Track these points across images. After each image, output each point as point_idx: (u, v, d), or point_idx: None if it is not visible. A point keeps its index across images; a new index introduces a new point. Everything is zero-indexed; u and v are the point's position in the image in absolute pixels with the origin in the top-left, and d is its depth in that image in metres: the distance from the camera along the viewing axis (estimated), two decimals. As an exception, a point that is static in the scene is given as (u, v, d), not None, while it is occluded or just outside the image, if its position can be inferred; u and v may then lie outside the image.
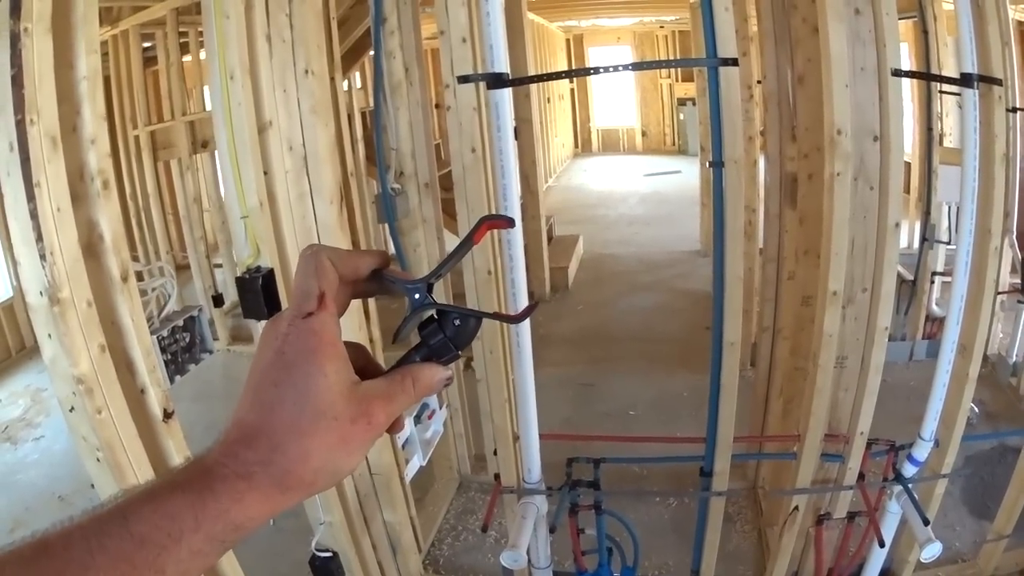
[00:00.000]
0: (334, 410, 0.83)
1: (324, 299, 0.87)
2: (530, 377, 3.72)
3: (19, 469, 7.55)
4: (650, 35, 24.00)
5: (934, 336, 7.94)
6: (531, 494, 4.05)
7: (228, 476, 0.80)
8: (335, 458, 0.85)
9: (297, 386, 0.83)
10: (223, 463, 0.81)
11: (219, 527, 0.78)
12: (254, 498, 0.81)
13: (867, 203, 3.69)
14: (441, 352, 0.95)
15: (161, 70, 10.13)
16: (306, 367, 0.83)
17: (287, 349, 0.84)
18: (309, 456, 0.82)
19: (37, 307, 2.78)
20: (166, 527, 0.75)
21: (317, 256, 0.90)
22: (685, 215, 14.39)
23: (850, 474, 4.21)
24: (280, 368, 0.84)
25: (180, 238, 11.26)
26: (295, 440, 0.82)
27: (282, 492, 0.83)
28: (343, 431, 0.84)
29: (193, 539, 0.76)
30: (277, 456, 0.81)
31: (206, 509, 0.78)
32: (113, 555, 0.72)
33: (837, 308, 3.77)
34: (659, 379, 8.31)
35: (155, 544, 0.74)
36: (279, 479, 0.82)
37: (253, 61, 3.66)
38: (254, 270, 3.69)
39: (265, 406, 0.83)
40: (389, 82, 5.40)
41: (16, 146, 2.61)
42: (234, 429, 0.83)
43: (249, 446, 0.82)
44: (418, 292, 0.95)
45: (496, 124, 3.23)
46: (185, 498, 0.77)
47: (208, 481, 0.79)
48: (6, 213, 2.72)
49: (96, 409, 2.87)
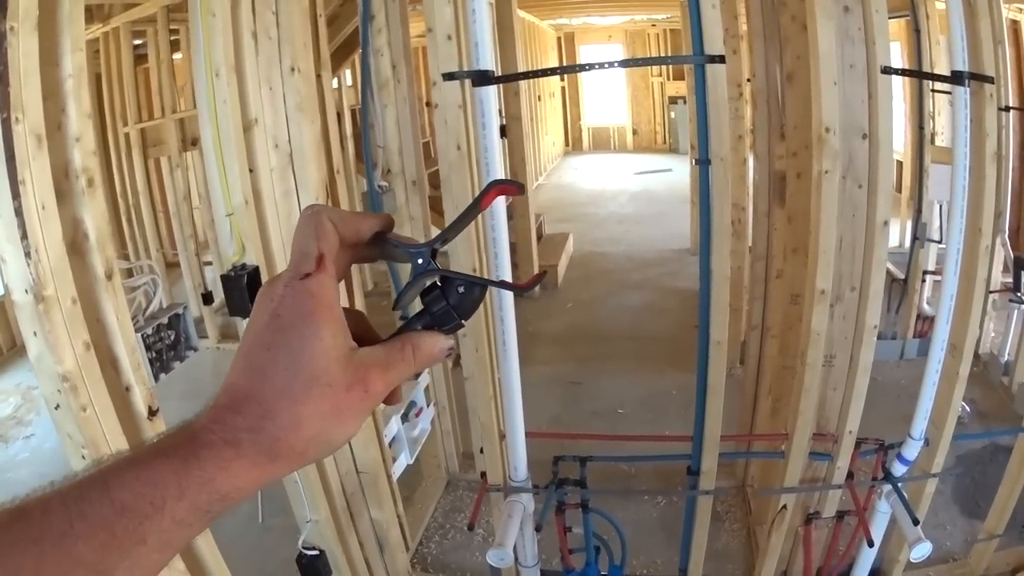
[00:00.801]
0: (329, 376, 0.81)
1: (323, 260, 0.84)
2: (516, 374, 3.72)
3: (9, 467, 7.55)
4: (641, 34, 23.99)
5: (925, 335, 7.94)
6: (517, 492, 4.05)
7: (215, 443, 0.77)
8: (328, 427, 0.82)
9: (291, 349, 0.80)
10: (210, 429, 0.78)
11: (204, 496, 0.76)
12: (241, 466, 0.78)
13: (856, 201, 3.69)
14: (444, 320, 0.92)
15: (152, 68, 10.14)
16: (301, 329, 0.81)
17: (282, 311, 0.82)
18: (301, 423, 0.80)
19: (22, 305, 2.76)
20: (148, 495, 0.72)
21: (318, 216, 0.87)
22: (675, 213, 14.40)
23: (839, 473, 4.21)
24: (274, 331, 0.81)
25: (170, 235, 11.16)
26: (287, 406, 0.79)
27: (271, 461, 0.80)
28: (337, 399, 0.81)
29: (176, 508, 0.74)
30: (267, 423, 0.79)
31: (190, 476, 0.75)
32: (92, 522, 0.70)
33: (825, 306, 3.77)
34: (648, 377, 8.32)
35: (136, 512, 0.72)
36: (268, 447, 0.79)
37: (239, 58, 3.65)
38: (239, 267, 3.68)
39: (256, 370, 0.81)
40: (376, 80, 5.39)
41: (1, 144, 2.60)
42: (224, 394, 0.81)
43: (238, 412, 0.79)
44: (421, 257, 0.92)
45: (481, 121, 3.23)
46: (169, 464, 0.75)
47: (194, 448, 0.77)
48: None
49: (81, 406, 2.86)
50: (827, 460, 4.24)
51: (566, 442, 5.18)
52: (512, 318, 3.63)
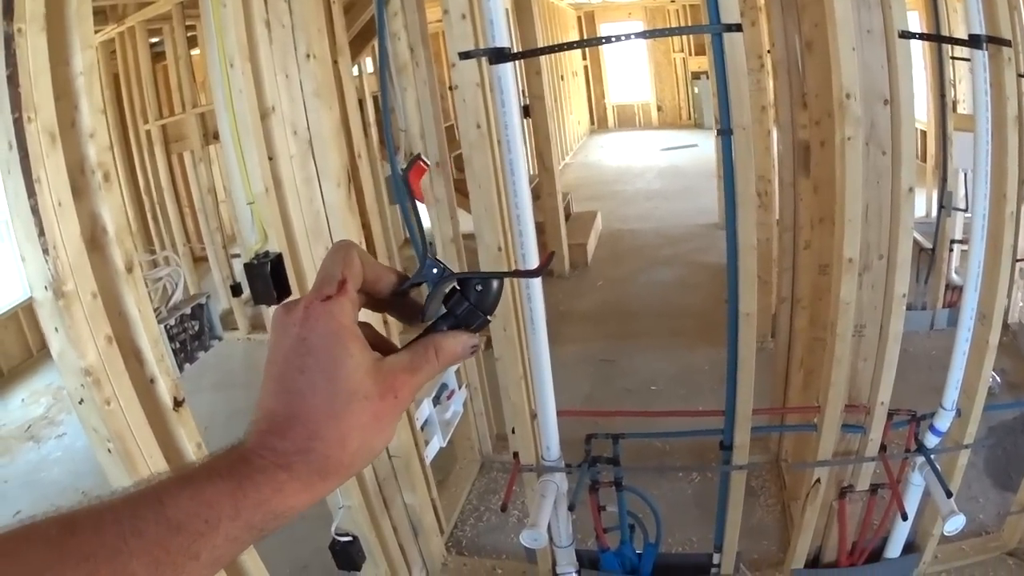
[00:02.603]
0: (364, 389, 0.83)
1: (345, 285, 0.87)
2: (545, 353, 3.71)
3: (43, 467, 7.62)
4: (661, 10, 23.88)
5: (954, 305, 7.88)
6: (550, 472, 4.04)
7: (267, 467, 0.79)
8: (370, 437, 0.85)
9: (325, 370, 0.82)
10: (260, 454, 0.80)
11: (259, 516, 0.78)
12: (295, 487, 0.80)
13: (880, 168, 3.66)
14: (470, 320, 0.95)
15: (170, 64, 10.24)
16: (332, 350, 0.82)
17: (307, 334, 0.83)
18: (347, 439, 0.82)
19: (43, 301, 2.78)
20: (204, 514, 0.74)
21: (348, 249, 0.91)
22: (703, 188, 14.32)
23: (872, 445, 4.19)
24: (304, 353, 0.83)
25: (197, 230, 11.27)
26: (332, 425, 0.82)
27: (323, 479, 0.83)
28: (375, 408, 0.84)
29: (231, 527, 0.76)
30: (316, 443, 0.81)
31: (247, 498, 0.77)
32: (147, 540, 0.71)
33: (853, 276, 3.74)
34: (680, 354, 8.29)
35: (191, 531, 0.73)
36: (319, 466, 0.82)
37: (252, 47, 3.64)
38: (262, 255, 3.68)
39: (294, 393, 0.82)
40: (395, 63, 5.38)
41: (15, 144, 2.61)
42: (264, 420, 0.83)
43: (284, 436, 0.81)
44: (435, 267, 0.95)
45: (500, 99, 3.20)
46: (225, 486, 0.77)
47: (248, 471, 0.79)
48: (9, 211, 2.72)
49: (105, 400, 2.86)
50: (860, 432, 4.22)
51: (599, 420, 5.18)
52: (540, 296, 3.63)
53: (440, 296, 0.95)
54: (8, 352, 10.34)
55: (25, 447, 8.14)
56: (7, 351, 10.34)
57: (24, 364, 10.42)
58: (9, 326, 10.41)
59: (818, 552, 4.67)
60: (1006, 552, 4.77)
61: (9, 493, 7.22)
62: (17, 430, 8.62)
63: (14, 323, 10.46)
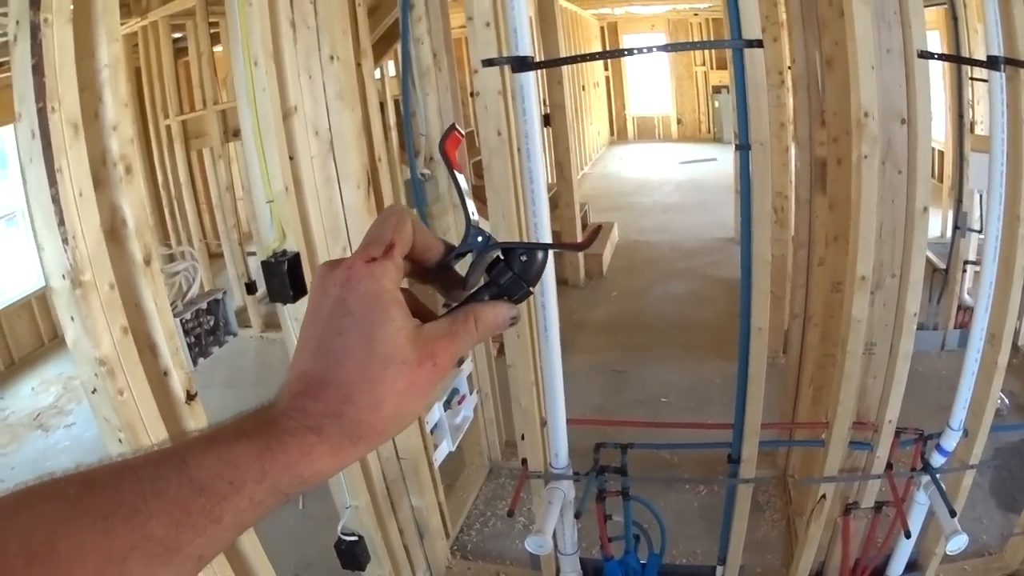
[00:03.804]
0: (403, 354, 0.82)
1: (392, 249, 0.85)
2: (558, 361, 3.74)
3: (50, 456, 7.66)
4: (684, 22, 23.84)
5: (966, 325, 7.80)
6: (558, 479, 4.05)
7: (297, 429, 0.79)
8: (404, 403, 0.83)
9: (364, 333, 0.81)
10: (290, 415, 0.79)
11: (286, 480, 0.77)
12: (324, 451, 0.79)
13: (895, 187, 3.67)
14: (512, 290, 0.94)
15: (192, 60, 10.25)
16: (372, 313, 0.82)
17: (348, 295, 0.82)
18: (381, 404, 0.81)
19: (60, 290, 2.80)
20: (229, 476, 0.74)
21: (403, 215, 0.89)
22: (720, 202, 14.34)
23: (878, 463, 4.20)
24: (343, 315, 0.82)
25: (213, 226, 11.32)
26: (367, 389, 0.81)
27: (353, 443, 0.82)
28: (412, 375, 0.83)
29: (256, 490, 0.75)
30: (348, 407, 0.80)
31: (274, 460, 0.76)
32: (168, 500, 0.70)
33: (866, 293, 3.74)
34: (692, 367, 8.29)
35: (215, 492, 0.72)
36: (351, 430, 0.81)
37: (277, 47, 3.66)
38: (280, 254, 3.70)
39: (330, 355, 0.82)
40: (418, 68, 5.41)
41: (38, 133, 2.64)
42: (297, 381, 0.82)
43: (316, 398, 0.80)
44: (480, 235, 0.95)
45: (522, 107, 3.23)
46: (252, 447, 0.76)
47: (276, 432, 0.78)
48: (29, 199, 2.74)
49: (118, 390, 2.88)
50: (867, 449, 4.22)
51: (608, 430, 5.18)
52: (554, 303, 3.66)
53: (483, 265, 0.95)
54: (20, 340, 10.41)
55: (33, 435, 8.21)
56: (19, 339, 10.40)
57: (35, 353, 10.49)
58: (22, 315, 10.48)
59: (821, 568, 4.68)
60: (1008, 573, 4.77)
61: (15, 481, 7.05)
62: (26, 418, 8.69)
63: (27, 312, 10.53)
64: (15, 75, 2.66)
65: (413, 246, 0.89)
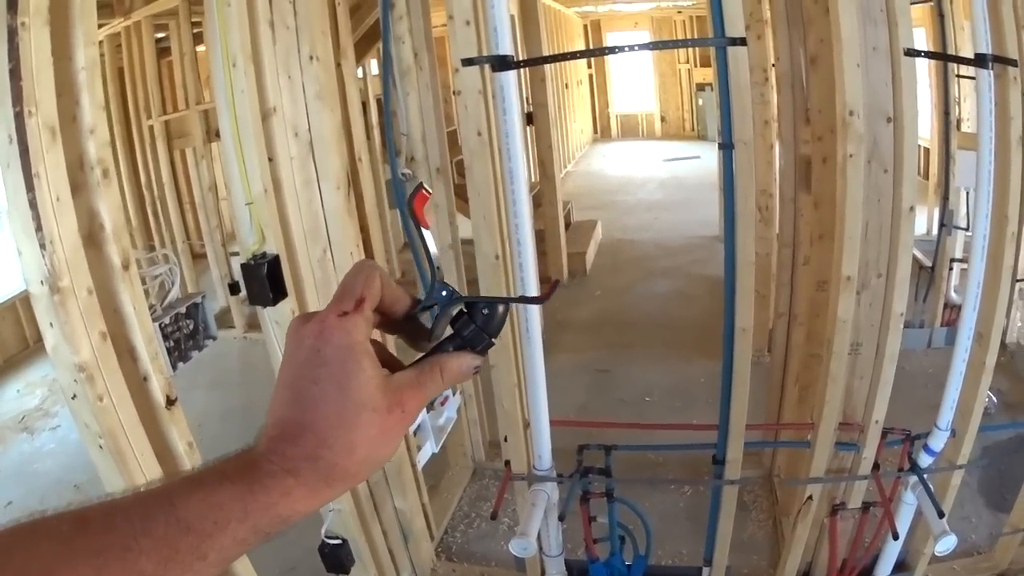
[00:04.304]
0: (374, 402, 0.87)
1: (362, 304, 0.91)
2: (539, 362, 3.70)
3: (36, 459, 7.64)
4: (668, 20, 23.90)
5: (952, 323, 7.86)
6: (541, 481, 4.03)
7: (276, 472, 0.83)
8: (376, 448, 0.88)
9: (338, 382, 0.86)
10: (270, 459, 0.84)
11: (266, 519, 0.82)
12: (302, 493, 0.84)
13: (881, 186, 3.64)
14: (475, 341, 1.00)
15: (175, 60, 10.21)
16: (345, 363, 0.86)
17: (322, 346, 0.87)
18: (355, 448, 0.86)
19: (38, 296, 2.79)
20: (213, 516, 0.78)
21: (372, 270, 0.96)
22: (704, 200, 14.36)
23: (865, 463, 4.17)
24: (318, 365, 0.86)
25: (197, 227, 11.27)
26: (341, 434, 0.85)
27: (329, 485, 0.87)
28: (383, 421, 0.88)
29: (239, 529, 0.79)
30: (324, 451, 0.85)
31: (256, 502, 0.81)
32: (157, 539, 0.74)
33: (851, 293, 3.72)
34: (676, 366, 8.28)
35: (200, 532, 0.76)
36: (326, 473, 0.85)
37: (256, 48, 3.63)
38: (259, 256, 3.67)
39: (306, 402, 0.86)
40: (398, 67, 5.36)
41: (15, 138, 2.62)
42: (275, 427, 0.87)
43: (294, 443, 0.85)
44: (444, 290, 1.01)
45: (502, 107, 3.19)
46: (235, 489, 0.80)
47: (257, 475, 0.82)
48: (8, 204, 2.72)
49: (97, 396, 2.87)
50: (853, 450, 4.20)
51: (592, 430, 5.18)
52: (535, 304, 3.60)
53: (447, 318, 1.00)
54: (5, 342, 10.36)
55: (19, 438, 8.17)
56: (3, 341, 10.35)
57: (20, 355, 10.42)
58: (7, 316, 10.42)
59: (808, 569, 4.66)
60: (997, 573, 4.76)
61: (1, 484, 7.23)
62: (11, 420, 8.64)
63: (11, 314, 10.48)
64: (-8, 80, 2.62)
65: (382, 299, 0.95)
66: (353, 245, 4.17)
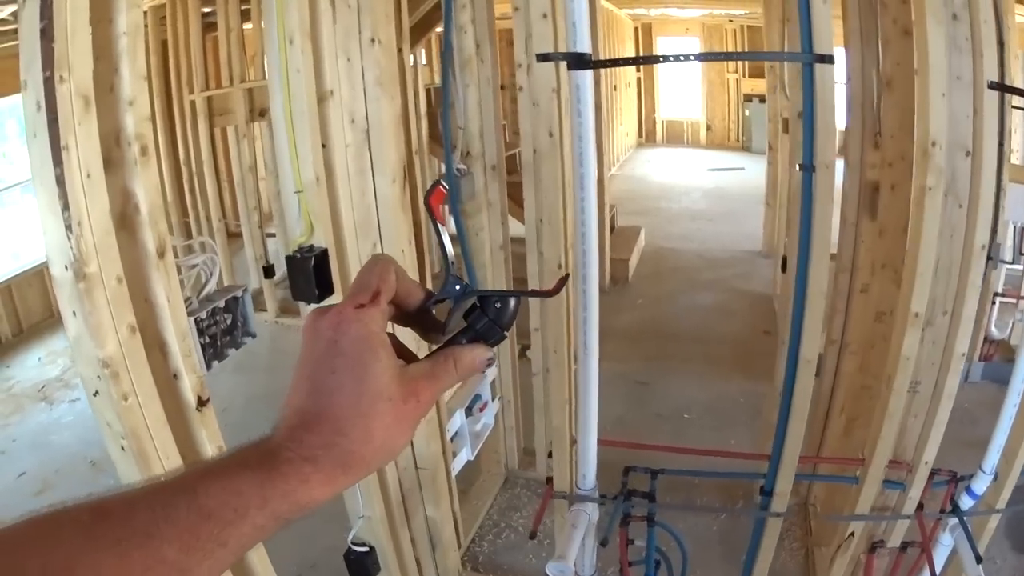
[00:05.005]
0: (389, 391, 0.89)
1: (378, 297, 0.93)
2: (594, 380, 3.61)
3: (53, 430, 7.63)
4: (719, 28, 23.76)
5: (990, 358, 7.82)
6: (584, 501, 3.93)
7: (294, 459, 0.84)
8: (392, 436, 0.90)
9: (355, 372, 0.88)
10: (288, 447, 0.85)
11: (285, 506, 0.83)
12: (319, 480, 0.85)
13: (955, 221, 3.52)
14: (488, 335, 1.02)
15: (220, 36, 10.12)
16: (362, 354, 0.88)
17: (339, 337, 0.89)
18: (371, 436, 0.88)
19: (61, 281, 2.63)
20: (233, 503, 0.79)
21: (387, 264, 0.98)
22: (748, 213, 14.28)
23: (910, 503, 4.11)
24: (335, 355, 0.89)
25: (234, 205, 11.29)
26: (357, 422, 0.87)
27: (344, 473, 0.88)
28: (398, 411, 0.90)
29: (258, 516, 0.81)
30: (341, 439, 0.86)
31: (275, 489, 0.82)
32: (179, 526, 0.75)
33: (918, 330, 3.64)
34: (715, 383, 8.20)
35: (221, 519, 0.78)
36: (342, 460, 0.87)
37: (315, 26, 3.51)
38: (306, 249, 3.56)
39: (324, 392, 0.88)
40: (459, 58, 5.25)
41: (43, 105, 2.45)
42: (293, 415, 0.88)
43: (311, 430, 0.86)
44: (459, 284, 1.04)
45: (577, 108, 3.04)
46: (254, 477, 0.82)
47: (275, 463, 0.83)
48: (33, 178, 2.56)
49: (122, 395, 2.72)
50: (899, 489, 4.13)
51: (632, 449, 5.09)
52: (596, 321, 3.53)
53: (461, 311, 1.03)
54: (30, 309, 10.41)
55: (37, 407, 8.20)
56: (29, 308, 10.41)
57: (45, 323, 10.48)
58: (33, 283, 10.48)
59: (841, 603, 4.57)
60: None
61: (16, 453, 7.26)
62: (31, 388, 8.70)
63: (38, 280, 10.51)
64: (22, 40, 2.46)
65: (396, 292, 0.98)
66: (405, 241, 4.04)
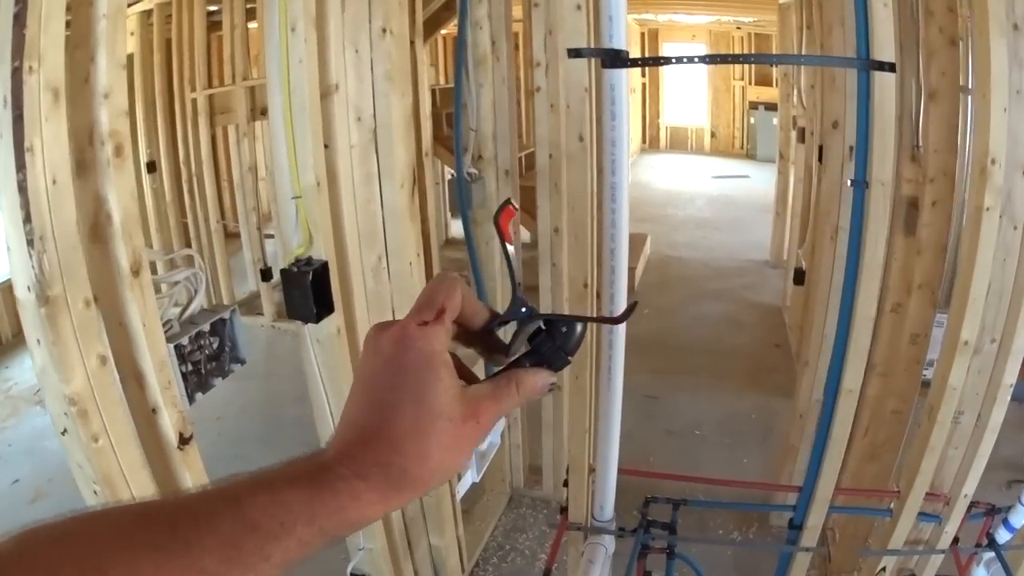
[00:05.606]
0: (449, 411, 0.87)
1: (443, 315, 0.91)
2: (617, 407, 3.47)
3: (48, 435, 7.36)
4: (726, 35, 23.84)
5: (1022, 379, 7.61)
6: (600, 534, 3.78)
7: (347, 476, 0.82)
8: (448, 457, 0.88)
9: (415, 390, 0.86)
10: (341, 462, 0.83)
11: (333, 523, 0.80)
12: (371, 498, 0.83)
13: (1009, 244, 3.29)
14: (552, 359, 0.99)
15: (225, 34, 10.14)
16: (423, 372, 0.86)
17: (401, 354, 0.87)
18: (428, 456, 0.86)
19: (25, 304, 2.34)
20: (280, 516, 0.77)
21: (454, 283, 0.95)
22: (754, 221, 14.29)
23: (945, 537, 3.95)
24: (395, 372, 0.87)
25: (232, 205, 11.35)
26: (415, 441, 0.85)
27: (398, 492, 0.86)
28: (457, 431, 0.88)
29: (305, 531, 0.78)
30: (396, 457, 0.84)
31: (325, 505, 0.79)
32: (222, 537, 0.73)
33: (966, 359, 3.45)
34: (726, 398, 8.06)
35: (266, 532, 0.75)
36: (397, 479, 0.85)
37: (320, 12, 3.26)
38: (304, 262, 3.31)
39: (382, 408, 0.86)
40: (473, 55, 5.02)
41: (10, 100, 2.16)
42: (350, 431, 0.87)
43: (367, 448, 0.84)
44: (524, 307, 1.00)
45: (611, 110, 2.79)
46: (304, 491, 0.79)
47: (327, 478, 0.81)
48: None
49: (92, 436, 2.47)
50: (935, 522, 3.97)
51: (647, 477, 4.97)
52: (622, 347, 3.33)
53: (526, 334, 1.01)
54: (27, 310, 10.09)
55: (33, 411, 8.08)
56: (26, 309, 10.08)
57: (44, 324, 10.17)
58: (32, 284, 10.15)
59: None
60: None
61: (11, 458, 7.19)
62: (27, 391, 8.56)
63: (38, 281, 10.17)
64: (-4, 27, 2.15)
65: (461, 312, 0.95)
66: (413, 253, 3.84)
